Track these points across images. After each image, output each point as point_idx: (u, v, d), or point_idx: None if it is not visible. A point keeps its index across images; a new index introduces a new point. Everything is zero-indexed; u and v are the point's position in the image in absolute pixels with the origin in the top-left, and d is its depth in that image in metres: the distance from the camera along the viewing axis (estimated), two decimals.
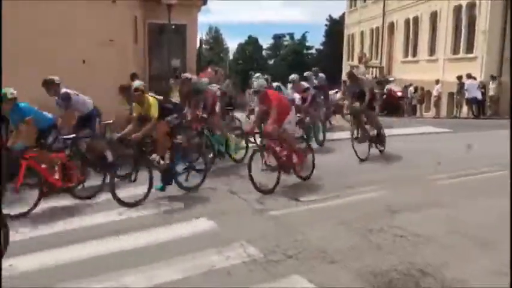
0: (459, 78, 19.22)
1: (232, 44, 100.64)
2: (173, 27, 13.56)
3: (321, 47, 65.92)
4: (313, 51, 70.43)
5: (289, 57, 68.75)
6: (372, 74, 28.46)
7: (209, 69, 15.16)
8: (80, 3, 9.93)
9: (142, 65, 14.58)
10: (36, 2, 8.90)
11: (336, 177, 7.35)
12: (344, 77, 7.59)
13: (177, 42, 14.73)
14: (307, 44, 72.00)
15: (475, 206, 5.88)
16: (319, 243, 4.69)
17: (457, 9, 22.32)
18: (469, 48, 21.26)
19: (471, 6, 21.19)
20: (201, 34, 69.50)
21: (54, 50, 9.50)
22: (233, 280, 4.00)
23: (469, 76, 18.76)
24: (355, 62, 32.00)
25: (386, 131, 9.48)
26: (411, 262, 4.26)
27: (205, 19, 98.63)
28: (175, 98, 12.54)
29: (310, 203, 6.07)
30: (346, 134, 10.02)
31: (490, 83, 18.79)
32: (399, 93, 23.20)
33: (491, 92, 18.89)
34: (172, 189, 6.63)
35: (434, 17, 24.35)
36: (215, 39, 75.83)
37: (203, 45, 67.42)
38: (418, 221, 5.33)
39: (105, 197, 6.22)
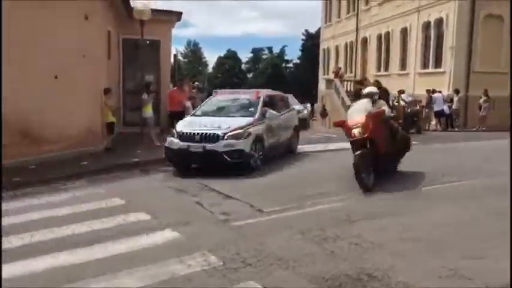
0: (428, 91, 19.89)
1: (211, 58, 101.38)
2: (147, 42, 13.78)
3: (298, 61, 66.95)
4: (291, 64, 71.48)
5: (268, 70, 69.56)
6: (347, 87, 29.09)
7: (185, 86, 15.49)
8: (52, 18, 10.08)
9: (116, 80, 14.74)
10: (7, 17, 9.00)
11: (299, 187, 7.64)
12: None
13: (151, 58, 14.97)
14: (285, 57, 73.13)
15: (427, 214, 6.21)
16: (277, 252, 4.92)
17: (426, 26, 23.16)
18: (438, 63, 22.07)
19: (439, 23, 22.02)
20: (177, 48, 69.77)
21: (26, 66, 9.61)
22: (192, 285, 4.19)
23: (434, 91, 19.44)
24: (331, 75, 32.67)
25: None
26: (361, 267, 4.52)
27: (183, 32, 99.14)
28: (149, 113, 12.80)
29: (272, 213, 6.32)
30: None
31: (454, 96, 19.49)
32: None
33: (454, 106, 19.58)
34: (139, 201, 6.81)
35: (404, 32, 25.18)
36: (193, 52, 76.30)
37: (181, 59, 67.78)
38: (373, 229, 5.62)
39: (71, 210, 6.37)
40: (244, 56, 77.28)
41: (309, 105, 30.73)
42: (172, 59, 18.06)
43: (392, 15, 26.14)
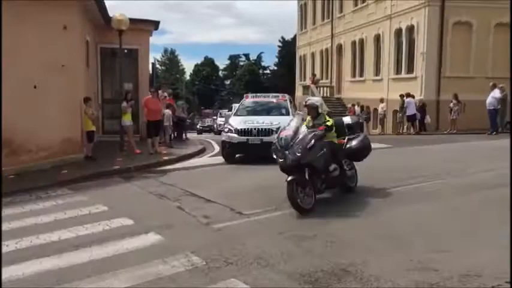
0: (401, 96, 20.48)
1: (188, 65, 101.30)
2: (125, 51, 13.92)
3: (275, 68, 67.54)
4: (268, 71, 72.06)
5: (245, 77, 70.01)
6: (322, 93, 29.64)
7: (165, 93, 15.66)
8: (32, 29, 10.19)
9: (95, 89, 14.83)
10: None
11: (277, 190, 7.92)
12: None
13: (130, 66, 15.11)
14: (262, 64, 73.75)
15: (395, 212, 6.57)
16: (256, 251, 5.17)
17: (398, 33, 23.83)
18: (410, 68, 22.72)
19: (410, 30, 22.69)
20: (155, 57, 69.67)
21: (5, 76, 9.67)
22: (176, 284, 4.41)
23: (408, 95, 20.02)
24: (307, 81, 33.20)
25: None
26: (336, 263, 4.81)
27: (160, 41, 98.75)
28: (128, 121, 12.94)
29: (252, 215, 6.58)
30: None
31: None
32: None
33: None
34: (122, 207, 6.98)
35: (377, 39, 25.83)
36: (171, 60, 76.23)
37: (159, 67, 67.61)
38: (347, 227, 5.93)
39: (54, 217, 6.50)
40: (222, 63, 77.65)
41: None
42: (150, 67, 18.20)
43: (366, 22, 26.79)
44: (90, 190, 8.70)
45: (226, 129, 12.15)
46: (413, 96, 20.27)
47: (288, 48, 56.92)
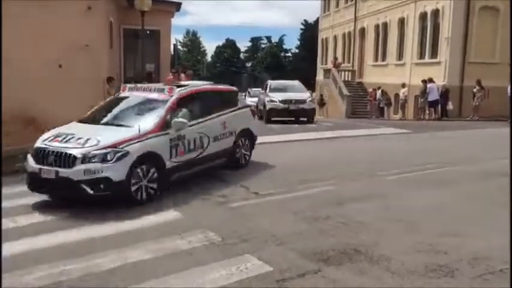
0: (423, 81, 20.22)
1: (210, 47, 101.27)
2: (147, 32, 14.11)
3: (297, 50, 67.09)
4: (289, 54, 71.62)
5: (266, 59, 69.76)
6: (344, 77, 29.44)
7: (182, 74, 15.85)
8: (57, 10, 10.43)
9: (118, 69, 15.09)
10: (9, 8, 9.32)
11: (291, 173, 8.08)
12: None
13: (151, 47, 15.31)
14: (284, 47, 73.28)
15: (408, 197, 6.66)
16: (270, 229, 5.35)
17: (423, 16, 23.38)
18: (434, 53, 22.33)
19: (435, 14, 22.25)
20: (176, 38, 69.82)
21: (31, 56, 9.97)
22: (194, 259, 4.61)
23: (430, 80, 19.75)
24: (329, 65, 32.95)
25: (351, 132, 10.21)
26: (348, 243, 4.95)
27: (182, 21, 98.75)
28: None
29: (267, 195, 6.74)
30: None
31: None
32: None
33: None
34: None
35: (402, 23, 25.40)
36: (192, 42, 76.37)
37: (181, 48, 67.91)
38: (360, 210, 6.05)
39: None
40: (243, 45, 77.38)
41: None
42: (172, 49, 18.38)
43: (390, 5, 26.35)
44: None
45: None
46: (434, 82, 20.00)
47: (310, 31, 56.40)
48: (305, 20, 64.03)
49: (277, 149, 11.01)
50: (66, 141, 6.54)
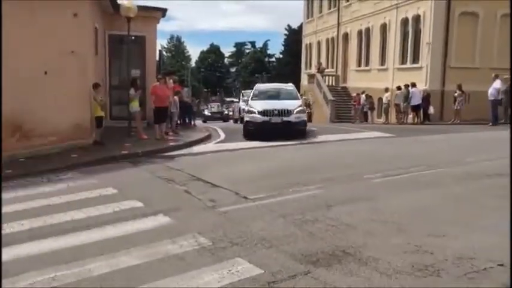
0: (405, 86, 20.58)
1: (194, 52, 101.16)
2: (133, 38, 14.10)
3: (281, 56, 67.44)
4: (273, 59, 71.94)
5: (251, 64, 69.97)
6: (328, 82, 29.74)
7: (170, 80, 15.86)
8: (43, 17, 10.39)
9: (103, 75, 15.05)
10: None
11: (280, 177, 8.18)
12: None
13: (137, 53, 15.29)
14: (268, 52, 73.60)
15: (394, 199, 6.81)
16: (260, 233, 5.42)
17: (404, 22, 23.83)
18: (415, 58, 22.77)
19: (417, 19, 22.70)
20: (161, 44, 69.58)
21: (17, 63, 9.91)
22: (185, 263, 4.66)
23: (413, 85, 20.12)
24: (313, 70, 33.27)
25: (336, 136, 10.35)
26: (337, 245, 5.04)
27: (166, 27, 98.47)
28: (136, 107, 13.18)
29: (256, 199, 6.81)
30: None
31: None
32: None
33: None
34: (131, 190, 7.24)
35: (384, 28, 25.84)
36: (176, 47, 76.24)
37: (165, 53, 67.64)
38: (348, 212, 6.16)
39: (67, 199, 6.76)
40: (227, 50, 77.54)
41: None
42: (157, 54, 18.38)
43: (373, 11, 26.77)
44: (100, 174, 8.95)
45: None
46: (416, 87, 20.36)
47: (294, 37, 56.79)
48: (289, 25, 64.52)
49: (264, 154, 11.10)
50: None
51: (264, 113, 13.89)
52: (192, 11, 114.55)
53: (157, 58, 18.11)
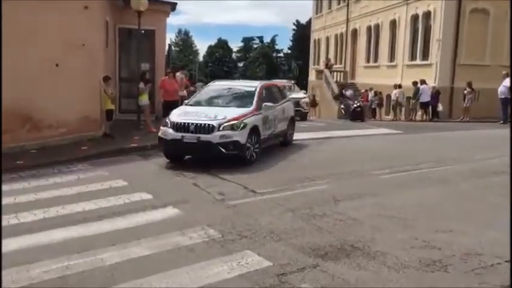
0: (415, 83, 20.48)
1: (202, 46, 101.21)
2: (142, 32, 14.14)
3: (289, 51, 67.24)
4: (281, 54, 71.74)
5: (258, 59, 69.82)
6: (336, 78, 29.67)
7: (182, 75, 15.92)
8: (54, 9, 10.45)
9: (113, 69, 15.12)
10: (7, 7, 9.34)
11: (288, 171, 8.22)
12: None
13: (146, 47, 15.32)
14: (276, 47, 73.37)
15: (401, 195, 6.85)
16: (269, 226, 5.48)
17: (414, 19, 23.67)
18: (425, 55, 22.62)
19: (427, 16, 22.54)
20: (170, 38, 69.60)
21: (28, 55, 10.00)
22: (195, 254, 4.73)
23: (423, 82, 20.01)
24: (321, 66, 33.18)
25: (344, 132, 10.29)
26: (345, 239, 5.10)
27: (174, 21, 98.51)
28: (145, 100, 13.25)
29: (265, 193, 6.88)
30: None
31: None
32: None
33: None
34: (141, 183, 7.33)
35: (393, 25, 25.69)
36: (184, 41, 76.21)
37: (172, 48, 67.71)
38: (356, 207, 6.21)
39: (78, 190, 6.87)
40: (235, 45, 77.40)
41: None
42: (166, 49, 18.43)
43: (382, 7, 26.62)
44: (110, 166, 9.04)
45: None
46: (426, 84, 20.27)
47: (302, 32, 56.57)
48: (297, 21, 64.18)
49: (271, 149, 11.11)
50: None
51: (177, 126, 8.94)
52: (200, 4, 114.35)
53: (166, 52, 18.14)
